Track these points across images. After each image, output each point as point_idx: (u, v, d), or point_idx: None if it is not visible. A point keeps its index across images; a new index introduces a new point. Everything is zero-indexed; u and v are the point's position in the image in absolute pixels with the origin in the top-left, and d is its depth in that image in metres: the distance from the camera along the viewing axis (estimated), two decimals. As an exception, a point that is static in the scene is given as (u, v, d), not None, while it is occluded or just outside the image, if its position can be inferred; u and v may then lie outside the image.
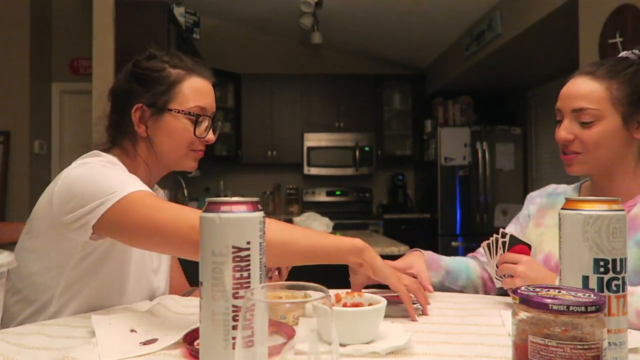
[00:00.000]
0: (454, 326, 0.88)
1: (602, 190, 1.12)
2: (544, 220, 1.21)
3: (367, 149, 5.05)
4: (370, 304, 0.80)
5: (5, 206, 4.04)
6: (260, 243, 0.56)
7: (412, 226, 4.78)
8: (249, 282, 0.54)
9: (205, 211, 0.56)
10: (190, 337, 0.76)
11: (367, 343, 0.75)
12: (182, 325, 0.82)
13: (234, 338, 0.53)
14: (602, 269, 0.65)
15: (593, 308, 0.53)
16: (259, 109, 5.06)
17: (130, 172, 1.05)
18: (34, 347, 0.76)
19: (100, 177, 0.92)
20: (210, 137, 1.10)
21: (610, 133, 1.03)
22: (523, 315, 0.57)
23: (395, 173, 5.22)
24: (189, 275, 1.33)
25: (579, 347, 0.53)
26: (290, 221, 3.24)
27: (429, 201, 4.88)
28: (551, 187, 1.28)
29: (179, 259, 1.31)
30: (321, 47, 5.09)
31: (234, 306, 0.54)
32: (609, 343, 0.62)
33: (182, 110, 1.04)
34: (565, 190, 1.24)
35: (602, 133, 1.03)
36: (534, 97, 4.77)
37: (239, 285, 0.54)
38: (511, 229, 1.31)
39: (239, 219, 0.55)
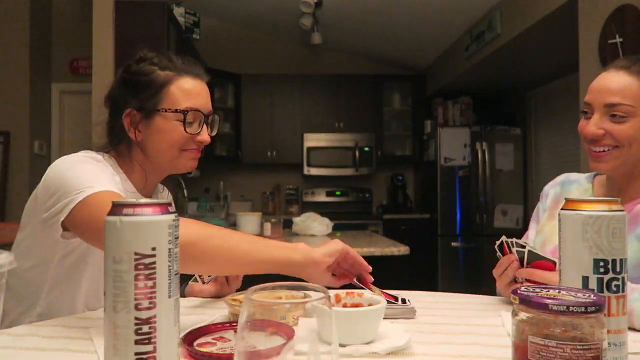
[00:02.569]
0: (454, 326, 0.88)
1: (618, 190, 1.10)
2: (557, 212, 1.20)
3: (367, 149, 5.05)
4: (370, 305, 0.80)
5: (5, 206, 4.05)
6: (170, 249, 0.51)
7: (412, 227, 4.78)
8: (155, 293, 0.49)
9: (108, 214, 0.51)
10: (190, 338, 0.76)
11: (367, 344, 0.75)
12: (181, 326, 0.82)
13: (137, 354, 0.49)
14: (602, 270, 0.65)
15: (593, 309, 0.53)
16: (259, 110, 5.06)
17: (127, 175, 1.07)
18: (30, 349, 0.76)
19: (73, 174, 0.92)
20: (204, 136, 1.07)
21: None
22: (523, 315, 0.57)
23: (395, 174, 5.22)
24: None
25: (579, 347, 0.53)
26: (290, 222, 3.26)
27: (429, 202, 4.88)
28: (563, 176, 1.25)
29: None
30: (321, 48, 5.09)
31: (136, 319, 0.49)
32: (609, 344, 0.62)
33: (171, 109, 1.03)
34: (579, 178, 1.21)
35: (635, 129, 1.00)
36: (534, 98, 4.77)
37: (142, 296, 0.49)
38: (532, 232, 1.25)
39: (142, 222, 0.50)
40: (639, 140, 1.01)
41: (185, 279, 1.20)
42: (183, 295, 1.17)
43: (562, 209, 0.69)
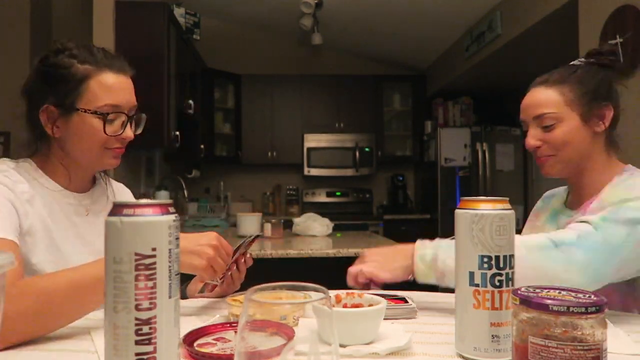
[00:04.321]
0: (453, 327, 0.88)
1: (576, 188, 1.18)
2: (538, 222, 1.28)
3: (367, 149, 5.05)
4: (370, 305, 0.80)
5: (5, 207, 4.04)
6: (170, 250, 0.51)
7: (412, 227, 4.78)
8: (155, 293, 0.50)
9: (109, 214, 0.51)
10: (190, 338, 0.76)
11: (368, 344, 0.75)
12: (181, 326, 0.82)
13: (137, 354, 0.49)
14: (486, 265, 0.68)
15: (593, 309, 0.53)
16: (259, 110, 5.06)
17: (49, 175, 1.03)
18: (30, 349, 0.76)
19: None
20: (127, 134, 1.04)
21: (573, 132, 1.10)
22: (523, 316, 0.57)
23: (396, 174, 5.22)
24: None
25: (579, 347, 0.53)
26: (290, 222, 3.26)
27: (429, 202, 4.88)
28: (547, 192, 1.35)
29: None
30: (321, 48, 5.09)
31: (136, 319, 0.49)
32: (491, 336, 0.67)
33: (89, 110, 0.98)
34: (558, 191, 1.30)
35: (565, 133, 1.10)
36: (534, 98, 4.76)
37: (142, 296, 0.49)
38: None
39: (142, 223, 0.50)
40: (573, 142, 1.10)
41: (184, 279, 1.20)
42: (184, 297, 1.16)
43: (456, 208, 0.73)
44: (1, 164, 0.99)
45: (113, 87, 1.01)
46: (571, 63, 1.19)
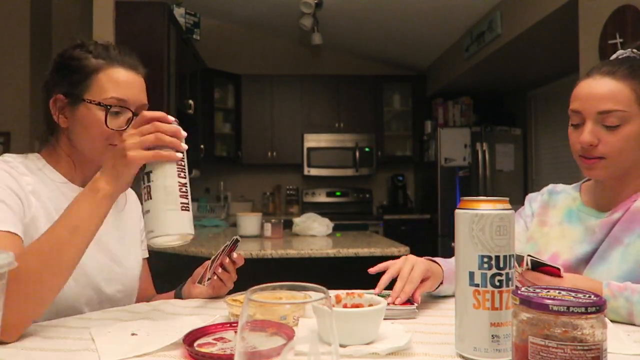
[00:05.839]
0: (453, 327, 0.88)
1: (610, 190, 1.08)
2: (548, 219, 1.18)
3: (367, 149, 5.05)
4: (370, 305, 0.80)
5: (5, 206, 4.04)
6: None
7: (412, 227, 4.78)
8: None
9: None
10: (190, 338, 0.76)
11: (368, 344, 0.75)
12: (182, 326, 0.82)
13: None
14: (486, 265, 0.68)
15: (593, 309, 0.53)
16: (259, 110, 5.06)
17: (53, 165, 1.05)
18: (30, 349, 0.76)
19: None
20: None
21: (636, 136, 0.99)
22: (523, 316, 0.57)
23: (396, 174, 5.22)
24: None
25: (579, 347, 0.53)
26: (290, 222, 3.26)
27: (429, 202, 4.88)
28: (550, 186, 1.25)
29: (149, 263, 1.29)
30: (321, 48, 5.09)
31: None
32: (491, 336, 0.67)
33: (94, 101, 0.99)
34: (565, 189, 1.22)
35: (628, 137, 0.98)
36: (534, 98, 4.77)
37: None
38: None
39: None
40: (631, 149, 0.99)
41: (181, 280, 1.20)
42: (180, 297, 1.17)
43: (456, 208, 0.73)
44: (7, 157, 1.01)
45: (121, 82, 1.01)
46: (622, 55, 1.06)
